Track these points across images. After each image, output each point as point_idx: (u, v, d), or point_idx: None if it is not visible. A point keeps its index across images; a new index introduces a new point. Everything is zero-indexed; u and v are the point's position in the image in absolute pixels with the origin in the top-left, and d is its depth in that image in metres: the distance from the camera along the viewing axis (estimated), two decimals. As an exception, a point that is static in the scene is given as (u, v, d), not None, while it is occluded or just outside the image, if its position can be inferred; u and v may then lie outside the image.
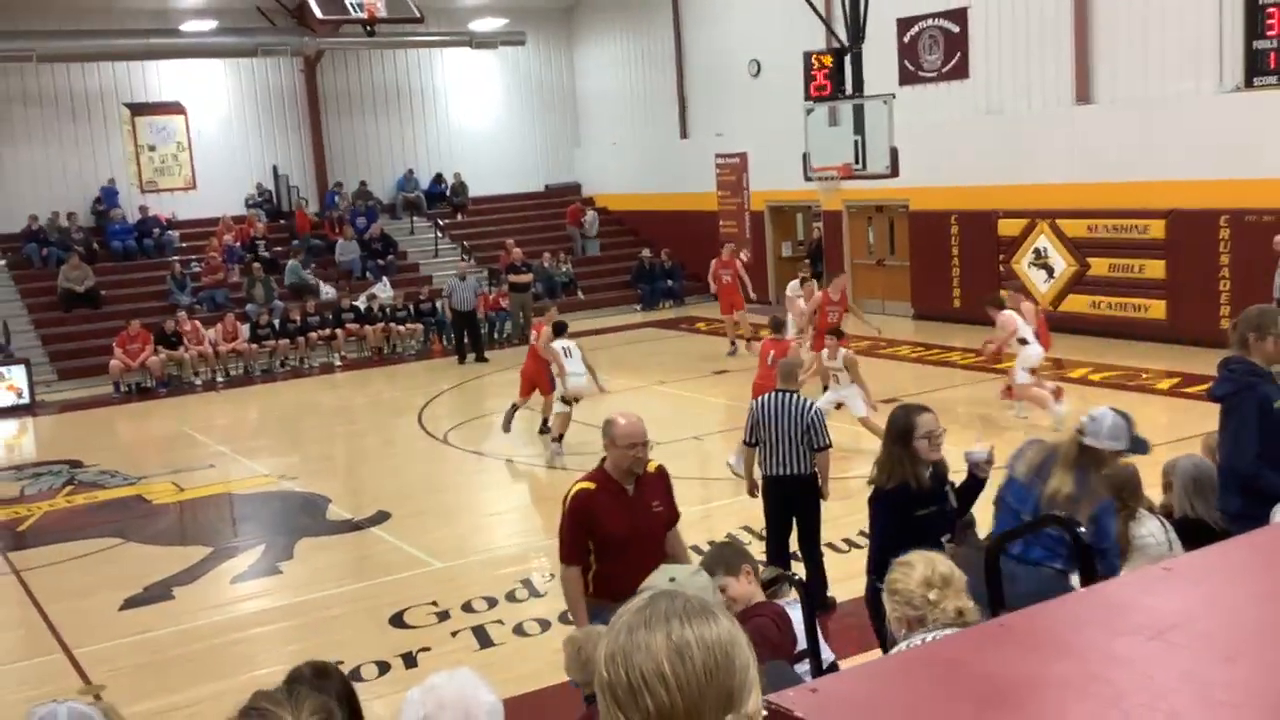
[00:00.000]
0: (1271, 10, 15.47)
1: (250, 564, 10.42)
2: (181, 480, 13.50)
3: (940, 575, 3.59)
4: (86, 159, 24.24)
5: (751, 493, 8.79)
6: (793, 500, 8.36)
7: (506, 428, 14.13)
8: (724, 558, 5.07)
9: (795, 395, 8.49)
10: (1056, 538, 5.23)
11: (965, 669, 1.80)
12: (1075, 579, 5.05)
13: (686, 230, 25.64)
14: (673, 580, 3.93)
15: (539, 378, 13.93)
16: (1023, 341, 13.22)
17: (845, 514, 10.62)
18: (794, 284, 17.29)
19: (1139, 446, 5.54)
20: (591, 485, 5.89)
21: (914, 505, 5.68)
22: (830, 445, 8.41)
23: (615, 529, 5.78)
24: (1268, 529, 2.46)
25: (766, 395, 8.61)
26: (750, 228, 24.67)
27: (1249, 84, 15.88)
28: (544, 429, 14.06)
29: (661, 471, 6.06)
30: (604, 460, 5.95)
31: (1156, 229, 17.16)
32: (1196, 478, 5.86)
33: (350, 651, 8.00)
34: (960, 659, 1.86)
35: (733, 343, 19.14)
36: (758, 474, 8.65)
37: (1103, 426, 5.43)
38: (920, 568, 3.63)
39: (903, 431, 5.71)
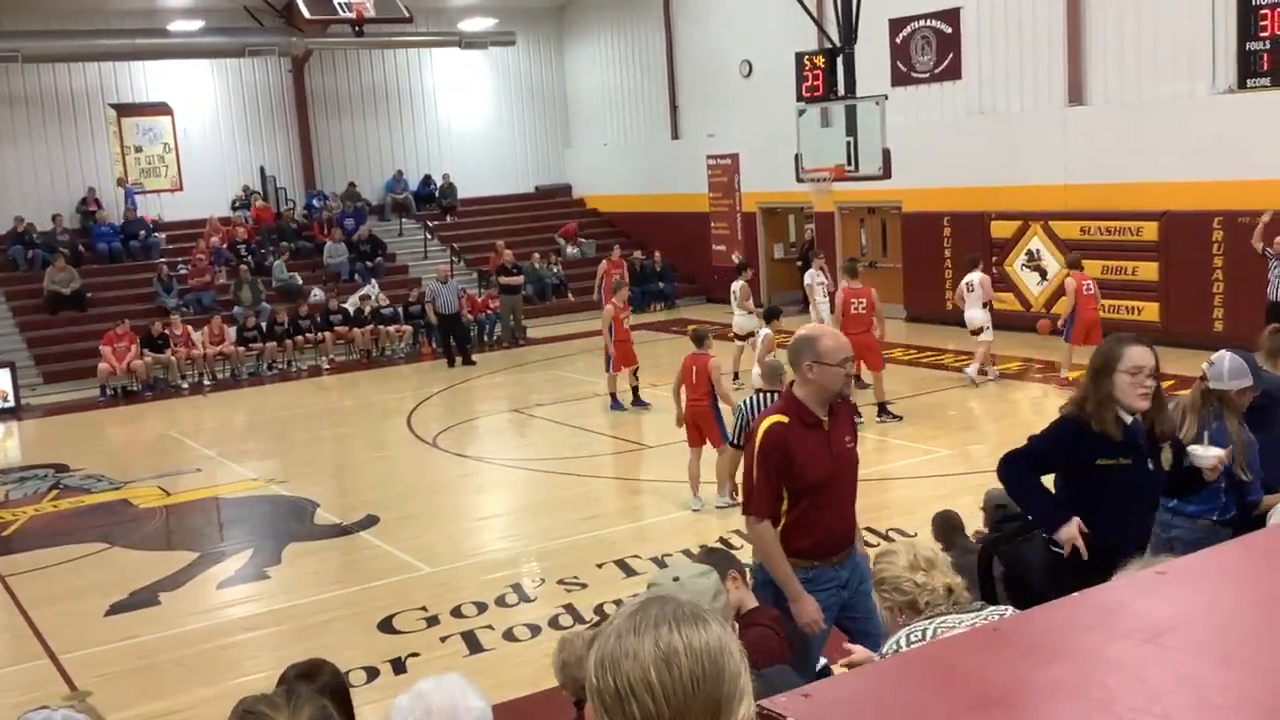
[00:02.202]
0: (1265, 12, 15.53)
1: (238, 569, 10.35)
2: (168, 484, 13.43)
3: (924, 558, 3.69)
4: (72, 160, 24.17)
5: (734, 494, 8.70)
6: None
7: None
8: (711, 564, 5.02)
9: (777, 396, 8.48)
10: (1212, 490, 5.18)
11: (959, 672, 1.78)
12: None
13: (678, 232, 25.64)
14: (677, 580, 3.89)
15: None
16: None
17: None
18: (813, 271, 17.18)
19: (1263, 379, 5.53)
20: (785, 419, 5.04)
21: (1093, 449, 4.69)
22: None
23: (815, 469, 5.01)
24: (1261, 532, 2.44)
25: (755, 396, 8.58)
26: (742, 229, 24.67)
27: (1242, 85, 15.94)
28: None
29: (847, 400, 5.35)
30: (790, 387, 5.18)
31: (1150, 231, 17.18)
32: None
33: (338, 657, 7.87)
34: (954, 662, 1.83)
35: None
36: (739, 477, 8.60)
37: (1223, 368, 5.41)
38: (904, 554, 3.74)
39: (1105, 362, 4.71)
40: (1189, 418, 5.35)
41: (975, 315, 15.45)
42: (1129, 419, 4.64)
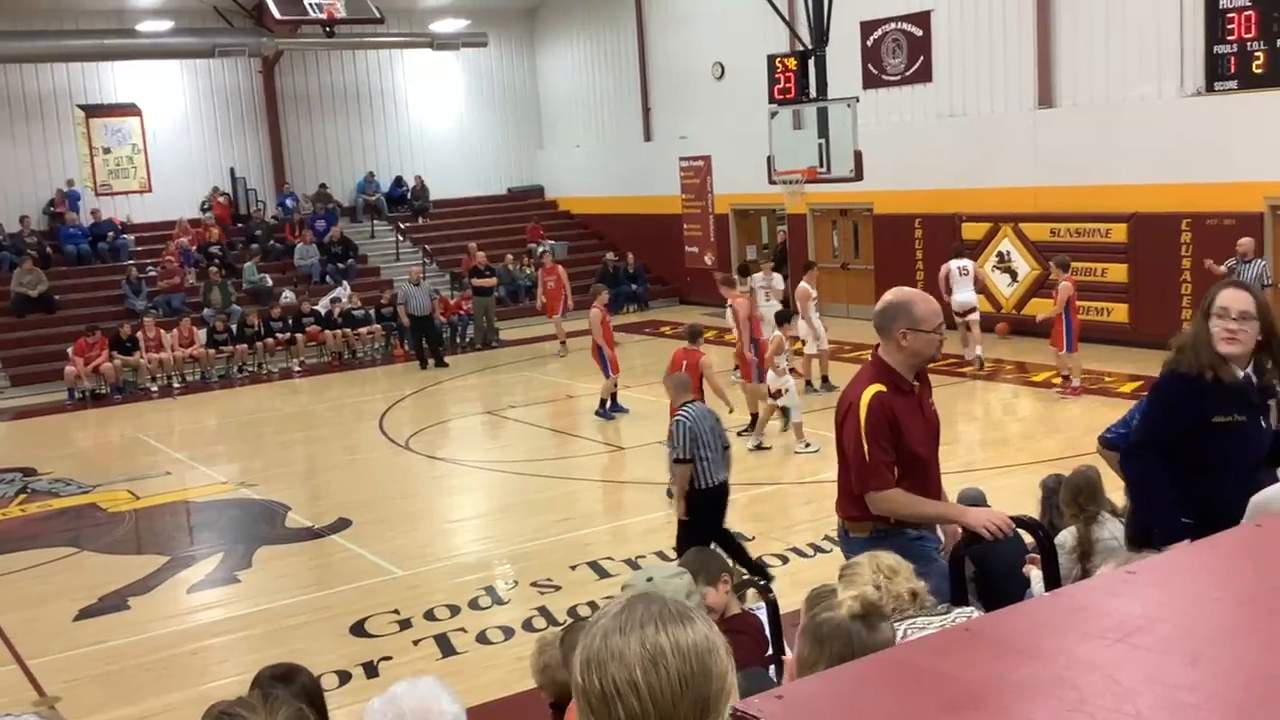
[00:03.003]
0: (1232, 15, 15.68)
1: (208, 573, 10.28)
2: (137, 488, 13.32)
3: (887, 566, 3.72)
4: (40, 161, 23.93)
5: (686, 514, 8.57)
6: (721, 505, 8.61)
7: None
8: (704, 565, 4.98)
9: (704, 404, 8.97)
10: None
11: (931, 672, 1.79)
12: None
13: (651, 234, 25.65)
14: (650, 580, 3.89)
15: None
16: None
17: (812, 517, 10.64)
18: (759, 276, 17.10)
19: None
20: (883, 388, 4.84)
21: (1207, 404, 4.29)
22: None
23: (915, 438, 4.87)
24: (1231, 531, 2.46)
25: (696, 407, 8.61)
26: (715, 231, 24.70)
27: (1210, 88, 16.09)
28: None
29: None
30: (876, 351, 4.96)
31: (1118, 233, 17.31)
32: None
33: (310, 661, 7.84)
34: (926, 663, 1.84)
35: (562, 343, 20.42)
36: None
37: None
38: (867, 564, 3.77)
39: (1204, 305, 4.37)
40: None
41: (969, 297, 16.23)
42: (1240, 373, 4.26)
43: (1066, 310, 14.14)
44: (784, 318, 13.85)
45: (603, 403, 15.30)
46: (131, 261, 22.84)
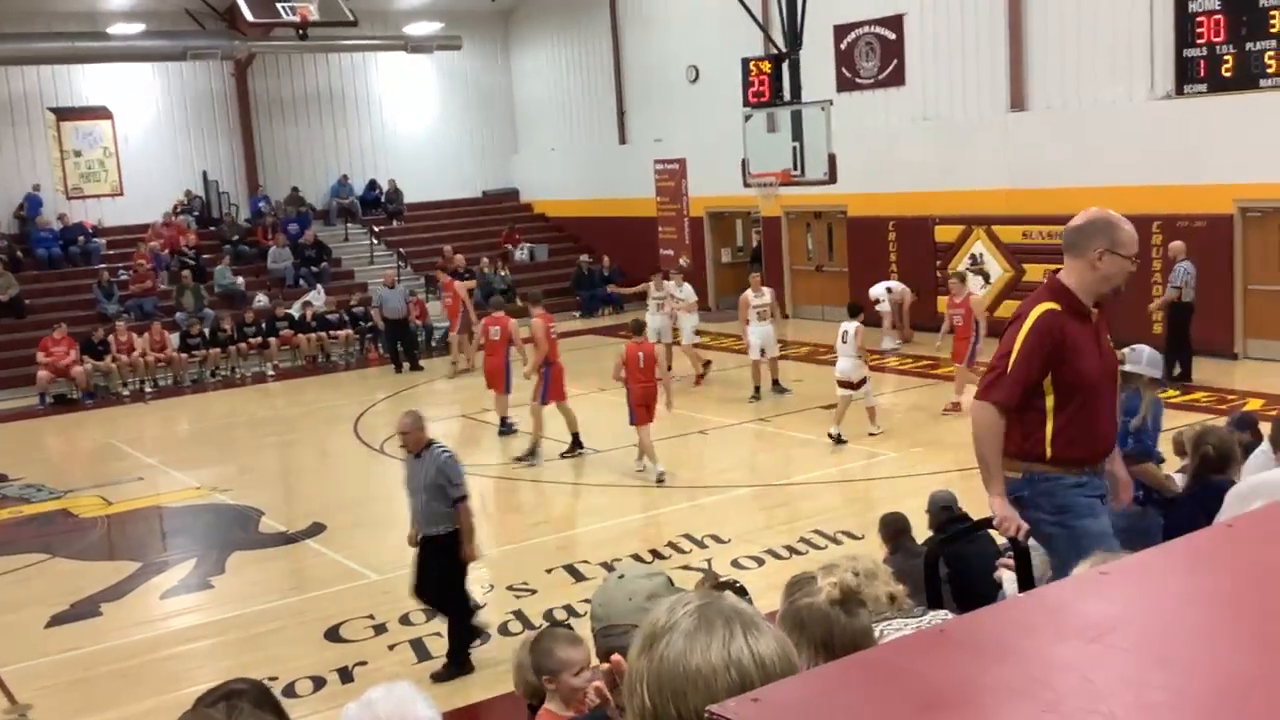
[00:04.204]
0: (1201, 19, 15.83)
1: (181, 579, 10.22)
2: (109, 494, 13.23)
3: (865, 569, 3.71)
4: (10, 165, 23.72)
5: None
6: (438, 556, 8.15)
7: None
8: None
9: None
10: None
11: (907, 674, 1.79)
12: None
13: (626, 236, 25.65)
14: (622, 578, 3.87)
15: (496, 377, 14.58)
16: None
17: (789, 519, 10.67)
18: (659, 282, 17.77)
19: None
20: (1057, 306, 4.53)
21: None
22: None
23: (1089, 366, 4.54)
24: (1204, 531, 2.48)
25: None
26: (690, 234, 24.73)
27: (1179, 91, 16.22)
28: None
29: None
30: (1056, 275, 4.68)
31: (1088, 234, 17.41)
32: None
33: (285, 666, 7.87)
34: (902, 664, 1.84)
35: (453, 363, 19.81)
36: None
37: (1143, 356, 6.05)
38: (845, 567, 3.76)
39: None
40: None
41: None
42: None
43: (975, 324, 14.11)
44: (855, 311, 13.71)
45: (502, 420, 14.84)
46: (103, 265, 22.68)
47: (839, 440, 12.88)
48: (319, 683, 7.71)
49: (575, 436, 13.51)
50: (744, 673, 1.52)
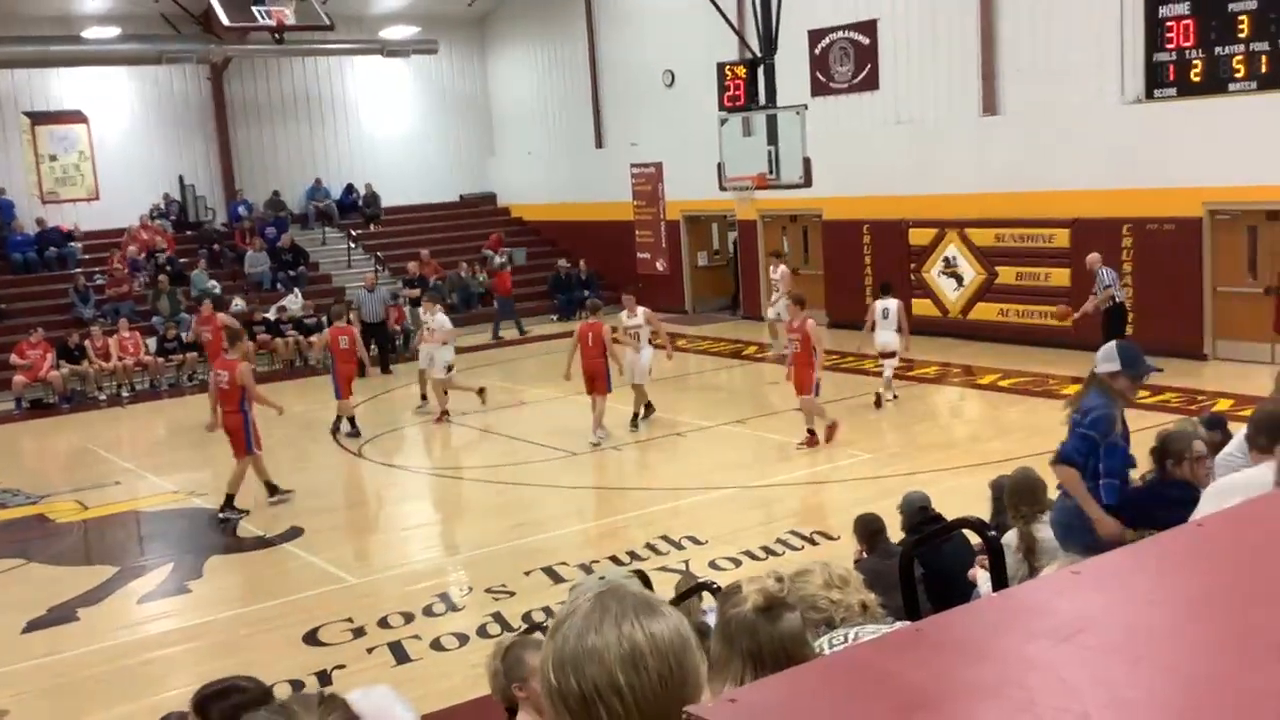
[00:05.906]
0: (1170, 24, 15.98)
1: (158, 583, 10.19)
2: (86, 498, 13.17)
3: (839, 576, 3.73)
4: (-16, 169, 23.56)
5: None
6: None
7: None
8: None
9: None
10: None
11: (883, 675, 1.81)
12: None
13: (603, 240, 25.68)
14: (602, 579, 3.90)
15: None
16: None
17: (765, 520, 10.71)
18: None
19: (1134, 366, 6.02)
20: None
21: None
22: None
23: None
24: (1175, 531, 2.52)
25: None
26: (666, 237, 24.78)
27: (1149, 95, 16.37)
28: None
29: None
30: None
31: (1061, 238, 17.56)
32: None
33: (263, 670, 7.81)
34: (878, 665, 1.87)
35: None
36: None
37: (1099, 353, 6.19)
38: (819, 573, 3.77)
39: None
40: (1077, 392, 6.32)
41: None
42: None
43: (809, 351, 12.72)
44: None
45: (351, 421, 15.44)
46: (79, 270, 22.55)
47: (886, 400, 14.65)
48: (297, 686, 7.69)
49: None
50: (635, 646, 1.64)
